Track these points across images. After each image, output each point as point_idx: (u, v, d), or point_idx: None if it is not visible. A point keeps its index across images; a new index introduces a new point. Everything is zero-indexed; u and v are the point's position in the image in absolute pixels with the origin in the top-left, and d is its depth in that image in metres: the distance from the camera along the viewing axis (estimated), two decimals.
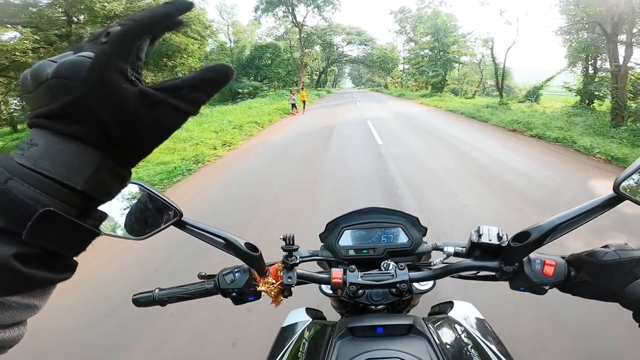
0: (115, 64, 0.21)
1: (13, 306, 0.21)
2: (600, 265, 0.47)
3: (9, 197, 0.19)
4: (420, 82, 33.22)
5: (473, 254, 0.60)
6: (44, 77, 0.21)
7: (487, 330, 0.72)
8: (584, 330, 1.73)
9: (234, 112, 14.94)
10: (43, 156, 0.21)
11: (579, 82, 15.00)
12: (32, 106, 0.22)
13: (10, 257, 0.19)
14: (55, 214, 0.20)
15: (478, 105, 15.36)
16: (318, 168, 5.20)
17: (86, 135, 0.21)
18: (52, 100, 0.21)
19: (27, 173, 0.20)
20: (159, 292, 0.62)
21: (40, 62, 0.22)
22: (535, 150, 6.05)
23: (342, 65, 64.52)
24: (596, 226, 2.62)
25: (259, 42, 35.06)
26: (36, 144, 0.21)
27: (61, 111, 0.21)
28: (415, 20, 33.23)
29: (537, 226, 0.52)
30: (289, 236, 0.61)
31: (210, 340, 1.81)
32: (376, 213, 0.74)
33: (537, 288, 0.55)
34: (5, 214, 0.19)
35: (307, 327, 0.77)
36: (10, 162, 0.21)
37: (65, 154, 0.21)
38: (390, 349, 0.53)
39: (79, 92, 0.20)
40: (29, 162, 0.20)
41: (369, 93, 39.92)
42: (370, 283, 0.60)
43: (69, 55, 0.22)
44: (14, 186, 0.19)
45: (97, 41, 0.22)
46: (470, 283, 0.69)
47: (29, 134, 0.22)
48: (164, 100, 0.23)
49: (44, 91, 0.21)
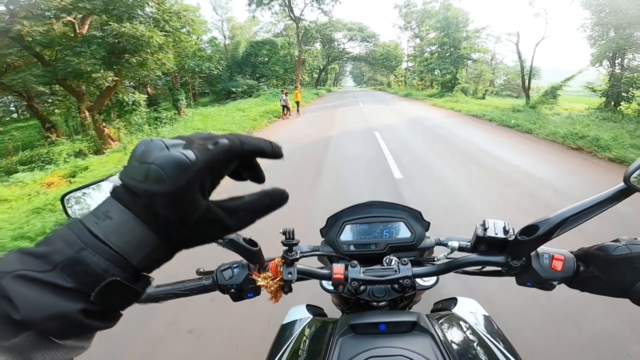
0: (203, 176, 0.25)
1: (67, 347, 0.24)
2: (611, 260, 0.46)
3: (83, 266, 0.23)
4: (427, 81, 31.17)
5: (478, 249, 0.57)
6: (150, 159, 0.24)
7: (492, 327, 0.70)
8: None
9: (218, 115, 12.83)
10: (114, 231, 0.24)
11: (604, 82, 13.43)
12: (128, 169, 0.25)
13: (77, 312, 0.22)
14: (119, 283, 0.24)
15: (502, 108, 13.17)
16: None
17: (153, 224, 0.25)
18: (143, 180, 0.24)
19: (98, 245, 0.23)
20: (154, 288, 0.57)
21: (156, 140, 0.25)
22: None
23: (344, 63, 62.52)
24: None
25: (255, 38, 32.98)
26: (111, 217, 0.24)
27: (145, 196, 0.24)
28: (421, 15, 31.09)
29: (546, 219, 0.50)
30: (289, 230, 0.58)
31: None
32: (378, 207, 0.72)
33: (545, 283, 0.52)
34: (78, 278, 0.23)
35: (307, 324, 0.76)
36: (82, 231, 0.24)
37: (133, 234, 0.24)
38: (393, 346, 0.51)
39: (167, 188, 0.23)
40: (101, 234, 0.24)
41: (372, 92, 37.61)
42: (373, 279, 0.58)
43: (179, 147, 0.24)
44: (87, 256, 0.23)
45: (205, 144, 0.25)
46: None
47: (106, 203, 0.25)
48: (221, 221, 0.27)
49: (143, 170, 0.24)
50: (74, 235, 0.23)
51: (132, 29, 8.75)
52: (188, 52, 21.14)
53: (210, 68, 20.74)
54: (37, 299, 0.21)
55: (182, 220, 0.25)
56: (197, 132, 0.28)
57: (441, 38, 23.62)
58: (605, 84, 12.97)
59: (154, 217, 0.24)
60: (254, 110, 14.51)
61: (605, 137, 6.02)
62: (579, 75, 15.36)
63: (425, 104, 17.48)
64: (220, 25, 35.14)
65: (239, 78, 26.89)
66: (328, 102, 21.10)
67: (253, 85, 26.04)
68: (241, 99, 22.16)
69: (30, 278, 0.21)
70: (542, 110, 12.77)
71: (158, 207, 0.24)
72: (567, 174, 4.59)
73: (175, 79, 20.18)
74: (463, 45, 22.50)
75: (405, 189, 4.06)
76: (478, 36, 22.85)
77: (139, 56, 9.71)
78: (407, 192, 3.94)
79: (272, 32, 35.06)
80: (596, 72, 14.15)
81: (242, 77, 27.76)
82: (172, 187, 0.23)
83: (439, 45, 23.96)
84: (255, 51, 30.11)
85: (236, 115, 12.34)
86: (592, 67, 13.63)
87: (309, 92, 28.88)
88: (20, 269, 0.22)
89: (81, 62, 8.85)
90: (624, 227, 2.77)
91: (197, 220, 0.26)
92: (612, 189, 0.48)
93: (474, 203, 3.54)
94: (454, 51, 22.58)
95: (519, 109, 12.56)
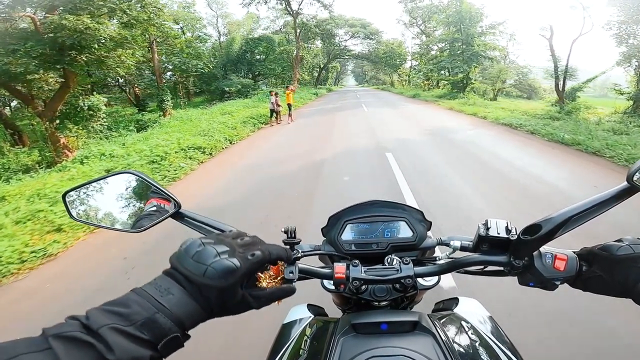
0: (243, 278, 0.38)
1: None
2: (614, 260, 0.46)
3: (156, 324, 0.33)
4: (433, 80, 29.07)
5: (480, 248, 0.57)
6: (207, 262, 0.36)
7: (494, 327, 0.69)
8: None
9: (198, 119, 10.82)
10: (175, 305, 0.34)
11: (632, 85, 12.08)
12: (183, 261, 0.37)
13: (148, 356, 0.32)
14: (177, 337, 0.34)
15: (532, 114, 11.13)
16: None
17: (202, 302, 0.36)
18: (201, 276, 0.36)
19: (166, 311, 0.34)
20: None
21: (209, 247, 0.38)
22: None
23: (345, 62, 60.51)
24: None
25: (252, 35, 30.96)
26: (172, 293, 0.35)
27: (202, 286, 0.36)
28: (428, 10, 28.98)
29: (549, 218, 0.50)
30: (291, 229, 0.59)
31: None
32: (379, 206, 0.71)
33: (548, 283, 0.52)
34: (152, 332, 0.32)
35: (308, 323, 0.75)
36: (152, 300, 0.34)
37: (187, 307, 0.35)
38: (395, 346, 0.51)
39: (219, 285, 0.36)
40: (167, 305, 0.34)
41: (375, 92, 35.36)
42: (374, 278, 0.57)
43: (226, 254, 0.38)
44: (159, 318, 0.33)
45: (245, 254, 0.39)
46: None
47: (165, 280, 0.36)
48: (249, 304, 0.41)
49: (202, 269, 0.36)
50: (148, 303, 0.34)
51: (74, 21, 6.72)
52: (174, 49, 19.34)
53: (198, 66, 18.75)
54: (125, 345, 0.30)
55: (223, 303, 0.38)
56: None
57: (452, 34, 21.49)
58: (634, 85, 11.60)
59: (204, 298, 0.36)
60: (241, 113, 12.48)
61: None
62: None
63: (439, 108, 15.31)
64: (215, 21, 33.24)
65: (234, 77, 24.97)
66: (327, 104, 18.96)
67: (248, 85, 24.11)
68: (238, 98, 20.41)
69: (121, 330, 0.31)
70: (582, 117, 10.77)
71: (210, 295, 0.36)
72: None
73: (160, 78, 18.29)
74: (477, 41, 20.37)
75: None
76: (494, 32, 20.68)
77: (89, 53, 7.72)
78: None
79: (270, 29, 33.00)
80: (624, 72, 12.82)
81: (237, 75, 25.88)
82: (223, 284, 0.36)
83: (450, 41, 21.81)
84: (251, 48, 28.20)
85: (218, 119, 10.32)
86: (617, 68, 12.00)
87: (308, 91, 26.81)
88: (111, 323, 0.31)
89: (11, 62, 6.92)
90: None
91: (235, 306, 0.39)
92: (615, 188, 0.47)
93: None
94: (467, 48, 20.46)
95: (556, 116, 10.54)
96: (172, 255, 0.39)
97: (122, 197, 0.56)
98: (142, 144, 7.09)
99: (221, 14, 33.68)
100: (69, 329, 0.30)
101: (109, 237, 3.19)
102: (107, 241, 3.19)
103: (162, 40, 18.94)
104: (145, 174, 0.56)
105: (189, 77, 22.03)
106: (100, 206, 0.60)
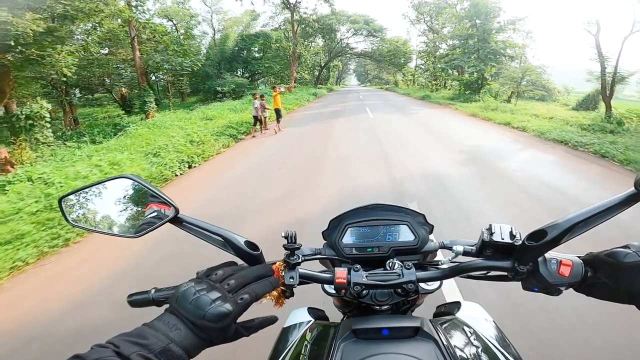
0: (236, 318, 0.45)
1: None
2: (621, 267, 0.45)
3: (171, 352, 0.40)
4: (441, 80, 27.09)
5: (484, 253, 0.57)
6: (205, 309, 0.43)
7: (497, 332, 0.68)
8: None
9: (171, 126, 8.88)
10: (183, 338, 0.42)
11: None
12: (184, 307, 0.44)
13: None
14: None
15: (576, 123, 9.15)
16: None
17: (203, 336, 0.43)
18: (201, 319, 0.42)
19: (177, 343, 0.41)
20: (155, 292, 0.56)
21: (204, 297, 0.44)
22: None
23: (347, 60, 58.51)
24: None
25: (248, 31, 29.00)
26: (180, 329, 0.42)
27: (203, 327, 0.43)
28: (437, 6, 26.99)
29: (554, 224, 0.49)
30: (291, 234, 0.57)
31: None
32: (381, 210, 0.71)
33: (552, 289, 0.51)
34: (167, 359, 0.39)
35: (309, 327, 0.75)
36: (164, 332, 0.41)
37: (192, 340, 0.42)
38: (396, 352, 0.51)
39: (217, 326, 0.43)
40: (177, 338, 0.41)
41: (379, 93, 33.15)
42: (376, 283, 0.57)
43: (219, 300, 0.44)
44: (173, 348, 0.40)
45: (235, 299, 0.46)
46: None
47: (171, 317, 0.43)
48: (241, 334, 0.48)
49: (201, 314, 0.43)
50: (162, 335, 0.41)
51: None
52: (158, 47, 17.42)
53: (184, 64, 16.82)
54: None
55: (221, 337, 0.45)
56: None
57: (467, 29, 19.47)
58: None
59: (205, 333, 0.43)
60: (225, 118, 10.55)
61: None
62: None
63: (459, 113, 13.16)
64: (210, 17, 31.22)
65: (227, 76, 23.02)
66: (325, 107, 16.83)
67: (243, 84, 22.19)
68: (233, 99, 18.60)
69: (145, 357, 0.37)
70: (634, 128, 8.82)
71: (210, 332, 0.43)
72: None
73: (142, 77, 16.38)
74: (494, 38, 18.35)
75: None
76: (514, 28, 18.59)
77: (15, 52, 5.79)
78: None
79: (270, 26, 31.05)
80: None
81: (231, 74, 23.92)
82: (220, 325, 0.43)
83: (464, 37, 19.76)
84: (247, 46, 26.27)
85: (193, 127, 8.38)
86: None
87: (306, 91, 24.78)
88: (137, 350, 0.37)
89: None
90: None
91: (230, 338, 0.46)
92: (622, 193, 0.47)
93: None
94: (483, 45, 18.44)
95: (605, 127, 8.58)
96: (171, 298, 0.46)
97: (120, 201, 0.56)
98: (72, 166, 5.10)
99: (215, 9, 31.86)
100: (107, 355, 0.36)
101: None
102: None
103: (149, 38, 17.16)
104: (142, 178, 0.55)
105: (181, 77, 20.18)
106: (98, 210, 0.59)
